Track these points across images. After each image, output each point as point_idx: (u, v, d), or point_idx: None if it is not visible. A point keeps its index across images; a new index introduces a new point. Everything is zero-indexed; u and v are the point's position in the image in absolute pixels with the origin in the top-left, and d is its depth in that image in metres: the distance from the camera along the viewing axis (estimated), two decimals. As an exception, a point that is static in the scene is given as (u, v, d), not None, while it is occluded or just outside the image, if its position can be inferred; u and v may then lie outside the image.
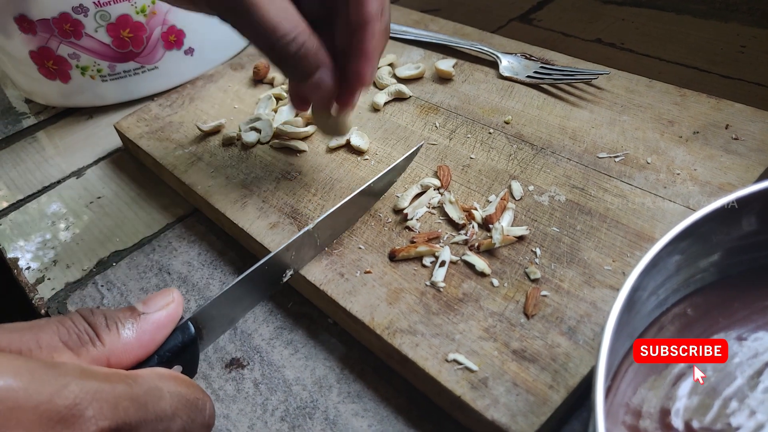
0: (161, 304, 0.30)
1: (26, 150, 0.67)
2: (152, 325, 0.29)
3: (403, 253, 0.41)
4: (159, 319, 0.30)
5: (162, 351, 0.30)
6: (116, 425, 0.24)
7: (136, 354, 0.28)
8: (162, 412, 0.26)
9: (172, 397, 0.27)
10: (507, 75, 0.58)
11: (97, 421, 0.23)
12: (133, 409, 0.25)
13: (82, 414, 0.23)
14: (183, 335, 0.31)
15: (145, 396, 0.25)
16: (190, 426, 0.27)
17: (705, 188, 0.43)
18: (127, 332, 0.28)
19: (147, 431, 0.25)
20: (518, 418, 0.31)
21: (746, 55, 0.62)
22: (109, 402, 0.24)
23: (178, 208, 0.55)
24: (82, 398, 0.23)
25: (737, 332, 0.32)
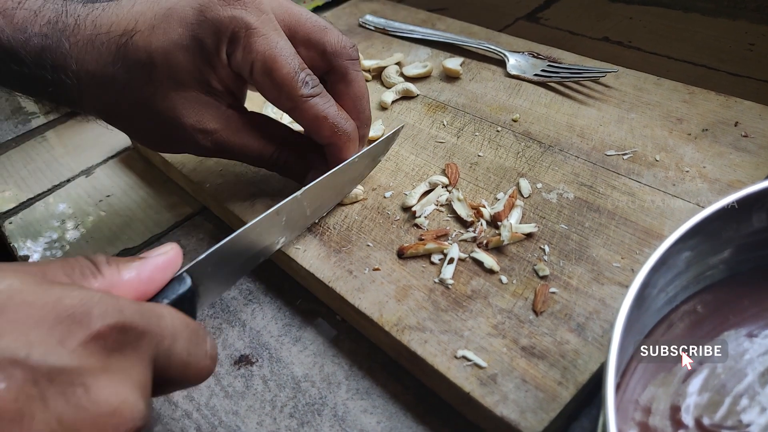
0: (161, 252, 0.32)
1: (36, 149, 0.68)
2: (151, 266, 0.31)
3: (411, 250, 0.41)
4: (157, 262, 0.31)
5: (159, 299, 0.31)
6: (122, 324, 0.25)
7: (135, 290, 0.30)
8: (165, 328, 0.27)
9: (174, 320, 0.28)
10: (514, 73, 0.58)
11: (103, 319, 0.24)
12: (138, 316, 0.26)
13: (89, 312, 0.24)
14: (179, 284, 0.32)
15: (147, 312, 0.27)
16: (193, 351, 0.29)
17: (714, 185, 0.43)
18: (126, 271, 0.29)
19: (151, 345, 0.26)
20: (527, 415, 0.31)
21: (755, 52, 0.62)
22: (114, 306, 0.25)
23: (186, 206, 0.55)
24: (87, 300, 0.24)
25: (747, 329, 0.32)
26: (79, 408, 0.23)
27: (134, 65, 0.39)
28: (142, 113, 0.41)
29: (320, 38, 0.43)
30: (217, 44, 0.39)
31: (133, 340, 0.26)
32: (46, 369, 0.22)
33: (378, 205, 0.46)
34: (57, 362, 0.23)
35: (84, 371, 0.23)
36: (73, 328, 0.24)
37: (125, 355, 0.25)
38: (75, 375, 0.23)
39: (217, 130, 0.42)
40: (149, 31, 0.39)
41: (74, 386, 0.23)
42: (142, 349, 0.26)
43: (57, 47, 0.38)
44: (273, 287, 0.45)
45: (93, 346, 0.24)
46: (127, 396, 0.25)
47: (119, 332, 0.25)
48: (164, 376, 0.28)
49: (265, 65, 0.39)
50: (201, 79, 0.40)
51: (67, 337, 0.23)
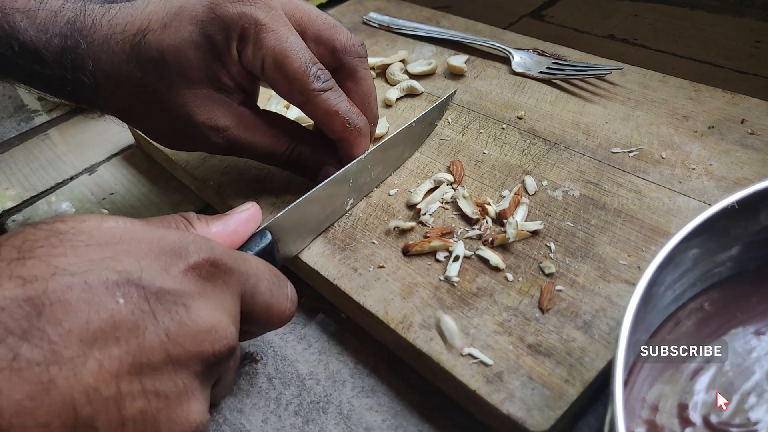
0: (243, 208, 0.37)
1: (39, 147, 0.68)
2: (236, 221, 0.36)
3: (416, 247, 0.41)
4: (241, 217, 0.36)
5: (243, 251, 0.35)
6: (213, 259, 0.29)
7: (223, 242, 0.34)
8: (250, 269, 0.31)
9: (258, 264, 0.32)
10: (519, 71, 0.58)
11: (198, 253, 0.29)
12: (227, 255, 0.30)
13: (186, 247, 0.29)
14: (261, 238, 0.37)
15: (235, 254, 0.31)
16: (276, 292, 0.33)
17: (721, 183, 0.42)
18: (214, 225, 0.34)
19: (239, 281, 0.30)
20: (534, 413, 0.31)
21: (761, 50, 0.62)
22: (207, 245, 0.29)
23: (190, 204, 0.55)
24: (184, 238, 0.29)
25: (755, 327, 0.32)
26: (182, 324, 0.27)
27: (147, 63, 0.40)
28: (155, 111, 0.42)
29: (330, 35, 0.43)
30: (227, 41, 0.40)
31: (222, 274, 0.29)
32: (155, 289, 0.26)
33: (383, 202, 0.46)
34: (163, 284, 0.27)
35: (185, 293, 0.27)
36: (174, 259, 0.28)
37: (217, 286, 0.29)
38: (178, 296, 0.27)
39: (228, 127, 0.42)
40: (161, 29, 0.40)
41: (177, 305, 0.27)
42: (231, 283, 0.30)
43: (75, 47, 0.39)
44: (277, 285, 0.45)
45: (191, 274, 0.28)
46: (220, 318, 0.28)
47: (212, 265, 0.29)
48: (250, 315, 0.32)
49: (276, 60, 0.40)
50: (212, 77, 0.41)
51: (170, 265, 0.28)
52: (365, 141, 0.44)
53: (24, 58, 0.39)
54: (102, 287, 0.25)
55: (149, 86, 0.41)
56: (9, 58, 0.39)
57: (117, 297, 0.25)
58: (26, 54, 0.39)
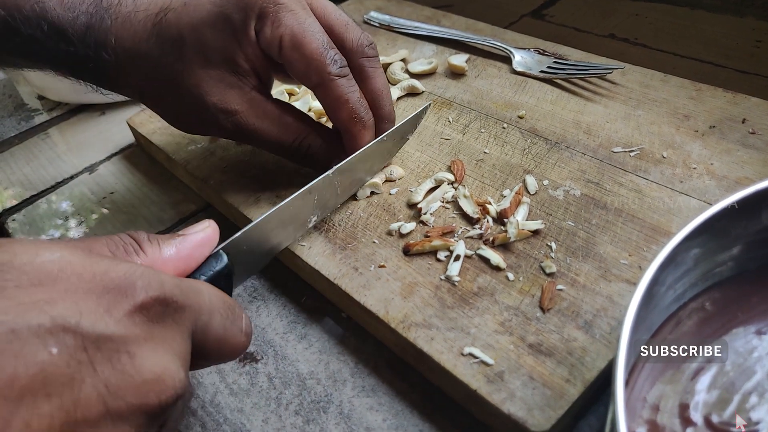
0: (198, 228, 0.33)
1: (39, 146, 0.68)
2: (190, 243, 0.32)
3: (417, 247, 0.41)
4: (196, 239, 0.33)
5: (197, 276, 0.33)
6: (163, 297, 0.26)
7: (175, 267, 0.31)
8: (203, 303, 0.29)
9: (211, 296, 0.30)
10: (520, 70, 0.58)
11: (146, 291, 0.26)
12: (178, 291, 0.27)
13: (133, 284, 0.25)
14: (216, 261, 0.34)
15: (187, 287, 0.28)
16: (229, 327, 0.30)
17: (722, 182, 0.42)
18: (167, 248, 0.31)
19: (190, 318, 0.28)
20: (535, 412, 0.31)
21: (762, 49, 0.62)
22: (156, 280, 0.26)
23: (190, 203, 0.55)
24: (132, 273, 0.26)
25: (756, 326, 0.32)
26: (125, 374, 0.24)
27: (166, 41, 0.41)
28: (170, 90, 0.42)
29: (341, 33, 0.44)
30: (245, 20, 0.40)
31: (173, 313, 0.27)
32: (94, 336, 0.23)
33: (383, 202, 0.46)
34: (104, 330, 0.24)
35: (129, 339, 0.25)
36: (118, 299, 0.25)
37: (166, 327, 0.26)
38: (121, 343, 0.24)
39: (238, 111, 0.42)
40: (181, 8, 0.41)
41: (120, 353, 0.24)
42: (181, 322, 0.27)
43: (100, 25, 0.41)
44: (278, 285, 0.45)
45: (137, 316, 0.25)
46: (168, 364, 0.26)
47: (161, 304, 0.26)
48: (201, 351, 0.29)
49: (294, 39, 0.40)
50: (228, 57, 0.41)
51: (113, 307, 0.25)
52: (369, 136, 0.44)
53: (51, 38, 0.41)
54: (32, 336, 0.22)
55: (166, 65, 0.42)
56: (38, 39, 0.41)
57: (49, 346, 0.22)
58: (53, 34, 0.40)
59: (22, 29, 0.40)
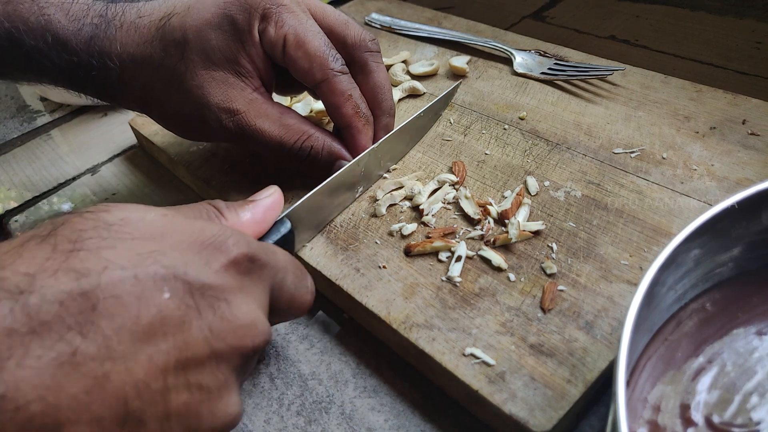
0: (267, 194, 0.37)
1: (41, 148, 0.68)
2: (262, 208, 0.36)
3: (418, 248, 0.41)
4: (267, 204, 0.37)
5: (267, 239, 0.36)
6: (251, 254, 0.29)
7: (251, 231, 0.35)
8: (278, 263, 0.32)
9: (284, 257, 0.33)
10: (521, 72, 0.58)
11: (237, 248, 0.29)
12: (261, 250, 0.30)
13: (225, 241, 0.29)
14: (282, 226, 0.38)
15: (266, 248, 0.31)
16: (298, 285, 0.34)
17: (722, 183, 0.43)
18: (244, 213, 0.35)
19: (270, 275, 0.31)
20: (536, 412, 0.31)
21: (762, 51, 0.62)
22: (243, 239, 0.30)
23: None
24: (223, 232, 0.29)
25: (757, 327, 0.32)
26: (224, 319, 0.27)
27: (169, 44, 0.42)
28: (173, 93, 0.43)
29: (342, 31, 0.45)
30: (248, 21, 0.42)
31: (258, 269, 0.30)
32: (199, 285, 0.26)
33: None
34: (206, 279, 0.27)
35: (226, 289, 0.27)
36: (215, 253, 0.28)
37: (253, 280, 0.30)
38: (219, 291, 0.27)
39: (240, 111, 0.43)
40: (185, 12, 0.43)
41: (219, 300, 0.27)
42: (264, 278, 0.30)
43: (105, 34, 0.42)
44: (279, 285, 0.45)
45: (231, 269, 0.28)
46: (258, 313, 0.29)
47: (249, 260, 0.29)
48: (275, 306, 0.32)
49: (297, 38, 0.42)
50: (231, 58, 0.42)
51: (211, 260, 0.28)
52: (370, 132, 0.46)
53: (55, 49, 0.42)
54: (150, 281, 0.25)
55: (169, 66, 0.43)
56: (41, 50, 0.42)
57: (164, 292, 0.25)
58: (57, 45, 0.42)
59: (26, 41, 0.42)
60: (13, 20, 0.41)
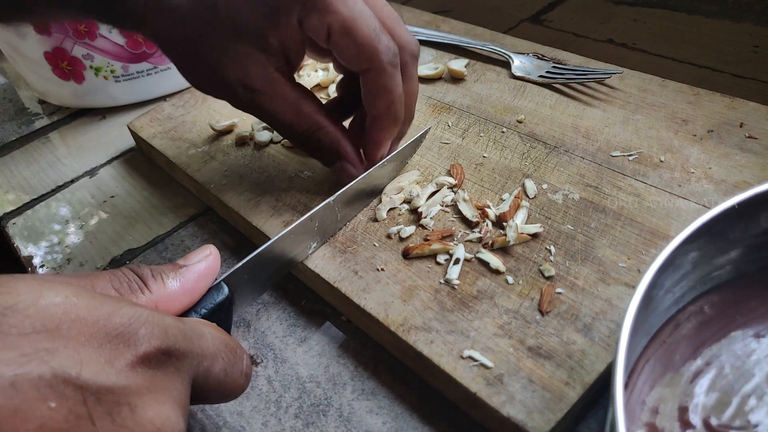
0: (200, 257, 0.33)
1: (39, 150, 0.68)
2: (194, 275, 0.32)
3: (417, 250, 0.41)
4: (199, 270, 0.32)
5: (199, 309, 0.32)
6: (166, 347, 0.25)
7: (180, 302, 0.31)
8: (205, 348, 0.28)
9: (213, 339, 0.29)
10: (519, 75, 0.58)
11: (149, 340, 0.25)
12: (181, 337, 0.27)
13: (136, 332, 0.25)
14: (218, 293, 0.33)
15: (190, 332, 0.27)
16: (230, 370, 0.30)
17: (720, 186, 0.43)
18: (171, 282, 0.31)
19: (192, 365, 0.27)
20: (534, 415, 0.31)
21: (759, 54, 0.62)
22: (160, 327, 0.26)
23: (190, 207, 0.55)
24: (135, 319, 0.25)
25: (755, 330, 0.32)
26: (125, 428, 0.23)
27: (200, 2, 0.39)
28: (192, 51, 0.41)
29: (391, 28, 0.42)
30: (290, 4, 0.39)
31: (175, 361, 0.26)
32: (95, 388, 0.23)
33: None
34: (105, 381, 0.23)
35: (130, 391, 0.24)
36: (121, 348, 0.24)
37: (168, 375, 0.26)
38: (121, 395, 0.23)
39: (257, 89, 0.41)
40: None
41: (120, 406, 0.23)
42: (183, 370, 0.27)
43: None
44: (277, 288, 0.45)
45: (139, 366, 0.24)
46: (169, 414, 0.25)
47: (164, 354, 0.25)
48: (200, 394, 0.29)
49: (344, 25, 0.38)
50: (259, 33, 0.39)
51: (115, 357, 0.24)
52: (395, 132, 0.44)
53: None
54: (32, 390, 0.21)
55: (194, 26, 0.40)
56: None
57: (49, 401, 0.21)
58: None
59: None
60: None
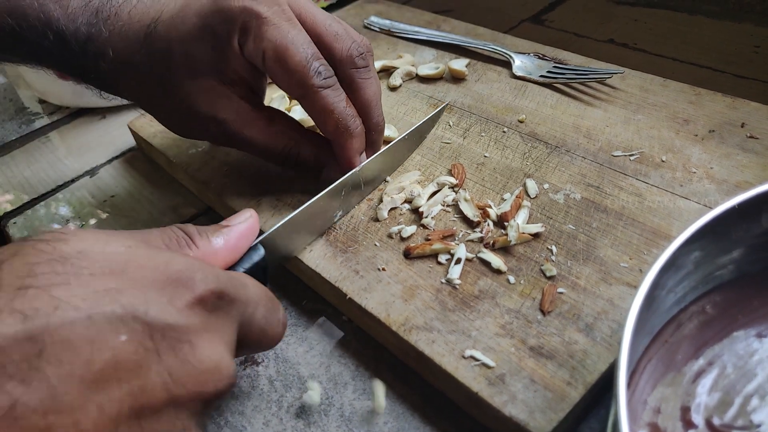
0: (242, 218, 0.35)
1: (40, 150, 0.68)
2: (236, 234, 0.34)
3: (418, 250, 0.41)
4: (241, 230, 0.34)
5: (239, 267, 0.34)
6: (219, 290, 0.28)
7: (223, 258, 0.33)
8: (250, 296, 0.30)
9: (255, 288, 0.31)
10: (520, 74, 0.58)
11: (204, 284, 0.27)
12: (230, 284, 0.29)
13: (192, 277, 0.27)
14: (255, 253, 0.36)
15: (236, 281, 0.30)
16: (269, 318, 0.32)
17: (722, 186, 0.43)
18: (216, 239, 0.33)
19: (239, 310, 0.29)
20: (536, 415, 0.31)
21: (760, 55, 0.62)
22: (212, 274, 0.28)
23: (191, 206, 0.55)
24: (190, 266, 0.27)
25: (757, 329, 0.32)
26: (186, 363, 0.25)
27: (155, 53, 0.42)
28: (163, 99, 0.43)
29: (329, 43, 0.43)
30: (228, 33, 0.41)
31: (226, 305, 0.28)
32: (160, 325, 0.25)
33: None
34: (168, 319, 0.25)
35: (190, 329, 0.26)
36: (180, 290, 0.26)
37: (220, 318, 0.28)
38: (183, 332, 0.25)
39: (227, 120, 0.43)
40: (170, 20, 0.42)
41: (182, 342, 0.25)
42: (232, 314, 0.29)
43: (98, 36, 0.42)
44: (279, 288, 0.45)
45: (196, 307, 0.27)
46: (223, 354, 0.27)
47: (217, 297, 0.28)
48: (245, 340, 0.31)
49: (276, 53, 0.40)
50: (215, 68, 0.42)
51: (175, 297, 0.26)
52: (358, 144, 0.44)
53: (57, 46, 0.42)
54: (106, 323, 0.23)
55: (157, 75, 0.42)
56: (44, 47, 0.42)
57: (120, 334, 0.23)
58: (58, 42, 0.42)
59: (29, 37, 0.42)
60: (16, 16, 0.41)
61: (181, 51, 0.41)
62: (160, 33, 0.42)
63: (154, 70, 0.42)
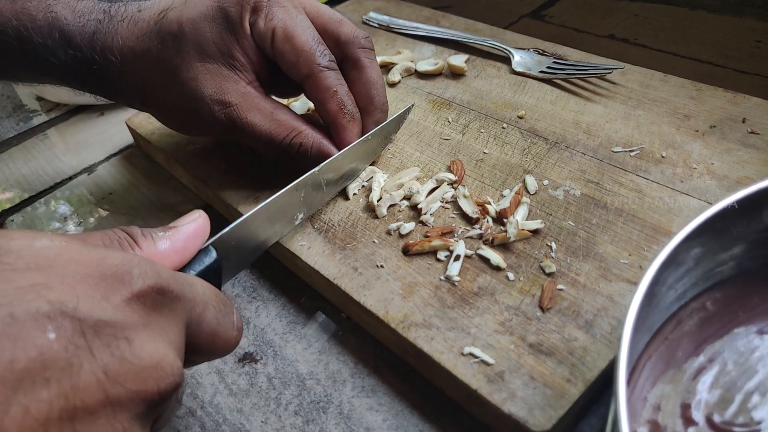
0: (189, 219, 0.33)
1: (37, 147, 0.68)
2: (183, 235, 0.32)
3: (417, 247, 0.41)
4: (189, 231, 0.33)
5: (187, 270, 0.33)
6: (159, 286, 0.26)
7: (170, 261, 0.31)
8: (196, 296, 0.29)
9: (204, 289, 0.30)
10: (520, 70, 0.58)
11: (143, 279, 0.26)
12: (173, 281, 0.27)
13: (130, 272, 0.25)
14: (206, 256, 0.34)
15: (182, 279, 0.28)
16: (221, 320, 0.30)
17: (723, 182, 0.42)
18: (161, 241, 0.31)
19: (185, 309, 0.28)
20: (536, 412, 0.31)
21: (761, 49, 0.62)
22: (153, 269, 0.26)
23: (189, 204, 0.55)
24: (128, 261, 0.26)
25: (758, 326, 0.32)
26: (124, 360, 0.24)
27: (166, 36, 0.44)
28: (169, 85, 0.44)
29: (335, 29, 0.46)
30: (240, 13, 0.43)
31: (169, 302, 0.27)
32: (92, 321, 0.23)
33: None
34: (102, 316, 0.24)
35: (127, 326, 0.24)
36: (116, 285, 0.25)
37: (163, 315, 0.26)
38: (119, 329, 0.24)
39: (232, 103, 0.44)
40: (181, 5, 0.44)
41: (118, 339, 0.24)
42: (177, 312, 0.27)
43: (107, 29, 0.44)
44: (277, 285, 0.45)
45: (134, 303, 0.25)
46: (166, 352, 0.26)
47: (157, 293, 0.26)
48: (194, 345, 0.29)
49: (285, 31, 0.43)
50: (225, 51, 0.43)
51: (110, 293, 0.25)
52: (356, 128, 0.46)
53: (62, 45, 0.43)
54: (30, 320, 0.22)
55: (166, 59, 0.44)
56: (48, 47, 0.43)
57: (47, 331, 0.22)
58: (63, 41, 0.43)
59: (34, 38, 0.43)
60: (21, 18, 0.43)
61: (193, 32, 0.43)
62: (172, 17, 0.44)
63: (163, 53, 0.44)
